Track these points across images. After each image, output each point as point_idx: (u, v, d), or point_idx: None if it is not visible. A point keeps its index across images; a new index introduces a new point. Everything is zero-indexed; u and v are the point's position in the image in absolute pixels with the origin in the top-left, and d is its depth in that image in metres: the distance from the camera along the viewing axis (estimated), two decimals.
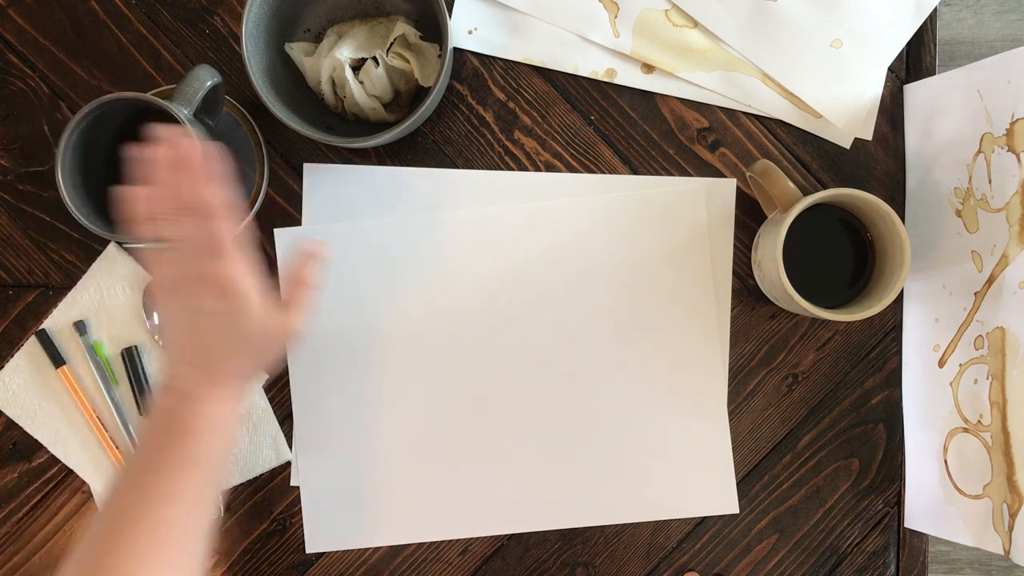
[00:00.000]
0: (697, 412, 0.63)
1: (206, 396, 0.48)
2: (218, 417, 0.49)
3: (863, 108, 0.63)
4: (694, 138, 0.64)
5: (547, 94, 0.64)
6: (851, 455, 0.64)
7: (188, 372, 0.49)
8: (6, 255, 0.63)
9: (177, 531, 0.46)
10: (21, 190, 0.63)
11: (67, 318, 0.62)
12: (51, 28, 0.63)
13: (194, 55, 0.63)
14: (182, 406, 0.48)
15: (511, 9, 0.63)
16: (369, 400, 0.63)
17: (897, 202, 0.64)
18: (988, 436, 0.56)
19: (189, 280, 0.48)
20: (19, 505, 0.63)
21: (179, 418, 0.48)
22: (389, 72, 0.59)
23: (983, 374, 0.56)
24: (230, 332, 0.49)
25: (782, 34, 0.63)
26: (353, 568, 0.63)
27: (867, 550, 0.64)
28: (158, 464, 0.47)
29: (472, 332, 0.63)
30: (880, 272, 0.58)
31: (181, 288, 0.48)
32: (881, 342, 0.64)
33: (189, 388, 0.48)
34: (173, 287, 0.49)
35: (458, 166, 0.64)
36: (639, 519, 0.63)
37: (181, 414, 0.48)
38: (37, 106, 0.63)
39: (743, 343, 0.64)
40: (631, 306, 0.63)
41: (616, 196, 0.64)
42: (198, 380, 0.49)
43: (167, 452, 0.47)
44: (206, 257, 0.48)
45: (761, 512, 0.64)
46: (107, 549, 0.44)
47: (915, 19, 0.63)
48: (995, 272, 0.55)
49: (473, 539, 0.63)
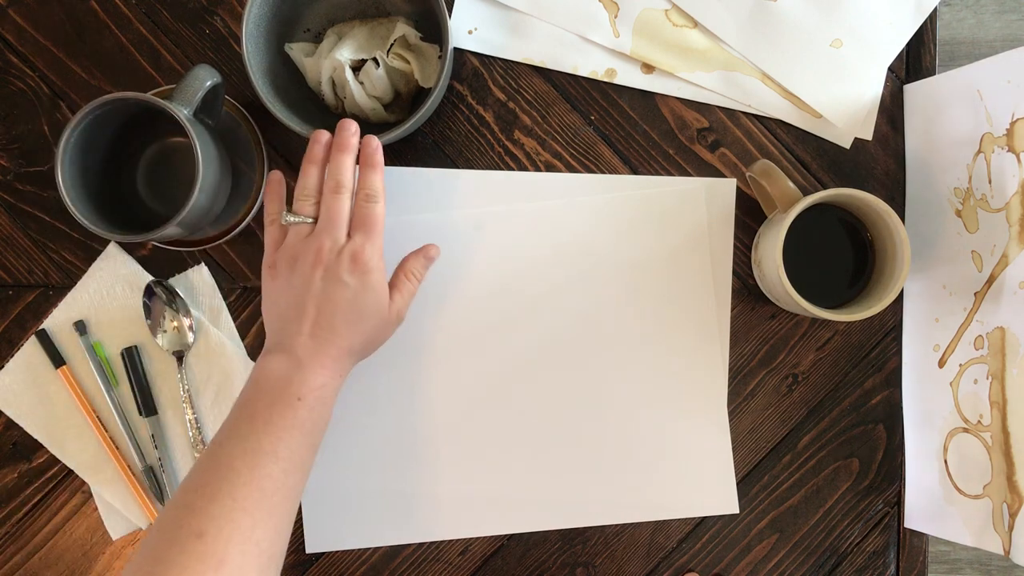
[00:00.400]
0: (697, 412, 0.63)
1: (320, 366, 0.51)
2: (328, 388, 0.52)
3: (863, 108, 0.63)
4: (694, 138, 0.64)
5: (547, 94, 0.64)
6: (851, 455, 0.64)
7: (306, 342, 0.52)
8: (6, 255, 0.63)
9: (282, 489, 0.48)
10: (21, 190, 0.63)
11: (67, 318, 0.62)
12: (51, 28, 0.63)
13: (194, 55, 0.63)
14: (296, 373, 0.51)
15: (511, 9, 0.63)
16: (369, 400, 0.63)
17: (897, 202, 0.64)
18: (988, 436, 0.56)
19: (330, 252, 0.52)
20: (19, 505, 0.63)
21: (292, 384, 0.50)
22: (389, 73, 0.59)
23: (983, 374, 0.56)
24: (355, 308, 0.52)
25: (782, 34, 0.63)
26: (353, 568, 0.63)
27: (867, 550, 0.64)
28: (267, 425, 0.49)
29: (472, 332, 0.63)
30: (880, 272, 0.58)
31: (318, 259, 0.52)
32: (881, 342, 0.64)
33: (305, 357, 0.51)
34: (309, 258, 0.52)
35: (458, 166, 0.64)
36: (639, 519, 0.63)
37: (294, 380, 0.50)
38: (37, 106, 0.63)
39: (743, 343, 0.64)
40: (631, 306, 0.63)
41: (616, 196, 0.64)
42: (314, 350, 0.52)
43: (277, 415, 0.49)
44: (356, 234, 0.53)
45: (761, 512, 0.64)
46: (213, 496, 0.46)
47: (915, 19, 0.63)
48: (995, 272, 0.55)
49: (473, 539, 0.63)
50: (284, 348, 0.52)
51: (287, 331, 0.53)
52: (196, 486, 0.47)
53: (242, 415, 0.50)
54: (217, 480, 0.47)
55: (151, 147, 0.62)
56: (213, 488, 0.47)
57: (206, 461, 0.48)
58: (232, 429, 0.50)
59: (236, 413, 0.51)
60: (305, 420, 0.50)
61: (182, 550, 0.44)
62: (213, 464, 0.48)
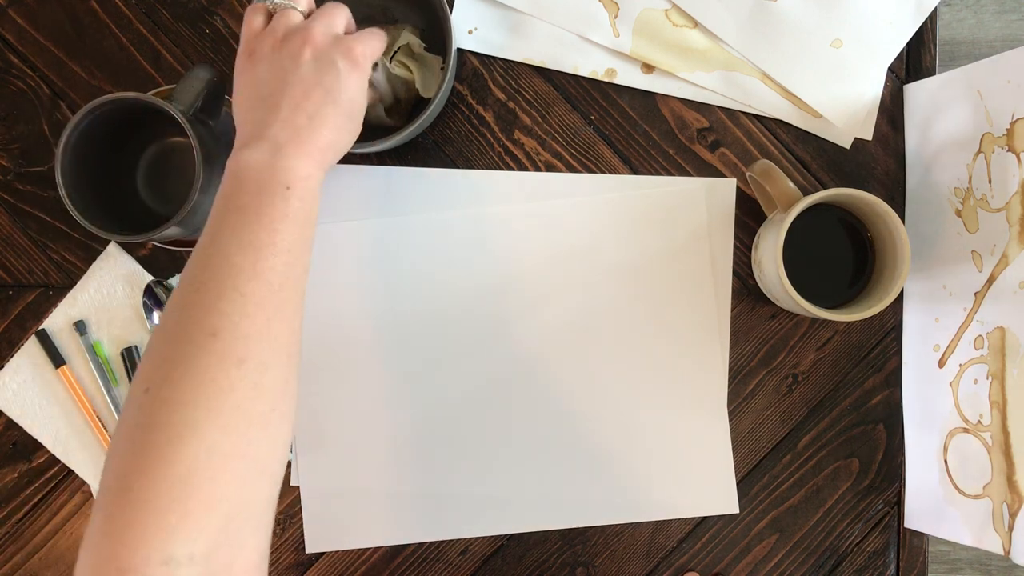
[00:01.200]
0: (697, 412, 0.63)
1: (305, 155, 0.47)
2: (313, 180, 0.47)
3: (863, 108, 0.63)
4: (694, 138, 0.64)
5: (547, 94, 0.64)
6: (851, 455, 0.64)
7: (285, 130, 0.47)
8: (6, 255, 0.63)
9: (287, 283, 0.44)
10: (21, 190, 0.63)
11: (67, 318, 0.62)
12: (51, 28, 0.63)
13: (194, 55, 0.63)
14: (279, 161, 0.46)
15: (511, 9, 0.63)
16: (369, 400, 0.63)
17: (897, 202, 0.64)
18: (988, 436, 0.56)
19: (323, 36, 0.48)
20: (19, 505, 0.63)
21: (277, 172, 0.46)
22: (390, 79, 0.59)
23: (983, 374, 0.56)
24: (345, 98, 0.49)
25: (782, 34, 0.63)
26: (353, 568, 0.63)
27: (867, 550, 0.64)
28: (259, 216, 0.45)
29: (472, 332, 0.63)
30: (880, 272, 0.58)
31: (310, 40, 0.48)
32: (881, 342, 0.64)
33: (287, 144, 0.46)
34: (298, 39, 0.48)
35: (458, 166, 0.64)
36: (639, 519, 0.63)
37: (278, 168, 0.46)
38: (37, 106, 0.63)
39: (743, 343, 0.64)
40: (631, 306, 0.63)
41: (616, 196, 0.64)
42: (294, 137, 0.47)
43: (267, 205, 0.45)
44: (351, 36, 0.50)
45: (761, 512, 0.64)
46: (219, 293, 0.42)
47: (915, 19, 0.63)
48: (995, 272, 0.55)
49: (473, 539, 0.63)
50: (262, 137, 0.47)
51: (265, 120, 0.47)
52: (197, 285, 0.43)
53: (229, 207, 0.45)
54: (220, 276, 0.43)
55: (151, 147, 0.62)
56: (217, 285, 0.42)
57: (201, 258, 0.44)
58: (221, 223, 0.45)
59: (221, 207, 0.46)
60: (298, 211, 0.46)
61: (198, 349, 0.40)
62: (210, 261, 0.44)
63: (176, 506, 0.36)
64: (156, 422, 0.38)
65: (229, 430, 0.39)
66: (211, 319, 0.41)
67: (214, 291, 0.42)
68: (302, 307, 0.46)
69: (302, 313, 0.46)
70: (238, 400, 0.40)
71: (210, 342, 0.40)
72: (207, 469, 0.37)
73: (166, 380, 0.40)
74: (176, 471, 0.37)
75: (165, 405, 0.39)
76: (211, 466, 0.38)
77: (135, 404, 0.40)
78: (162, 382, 0.40)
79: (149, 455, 0.37)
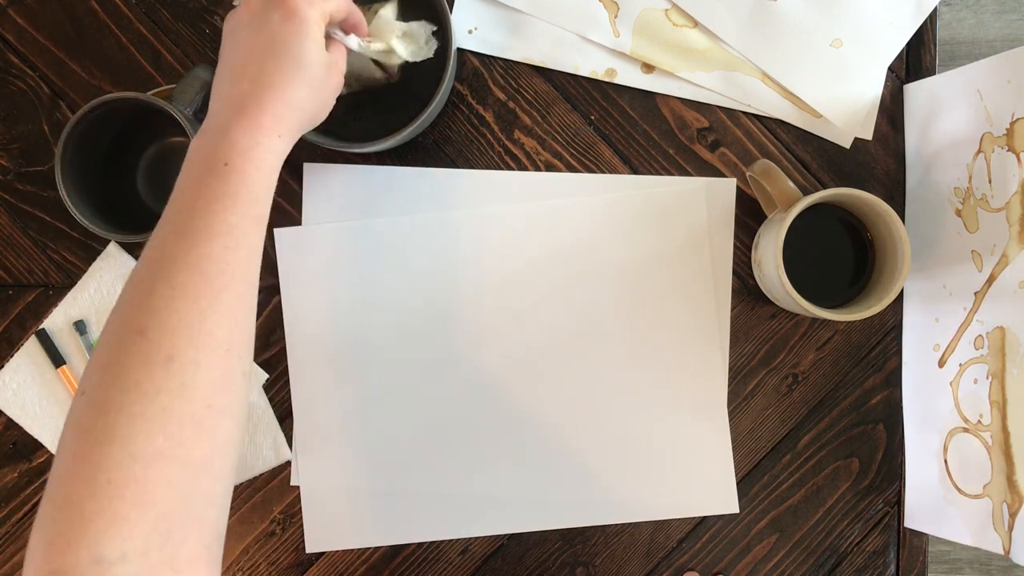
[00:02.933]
0: (697, 412, 0.63)
1: (250, 125, 0.44)
2: (262, 150, 0.44)
3: (863, 108, 0.63)
4: (694, 138, 0.64)
5: (547, 94, 0.64)
6: (851, 455, 0.64)
7: (230, 102, 0.45)
8: (6, 255, 0.63)
9: (227, 270, 0.42)
10: (21, 190, 0.63)
11: (67, 318, 0.62)
12: (51, 28, 0.63)
13: (194, 55, 0.63)
14: (221, 138, 0.44)
15: (511, 9, 0.63)
16: (369, 400, 0.63)
17: (897, 202, 0.64)
18: (988, 436, 0.56)
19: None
20: (19, 505, 0.63)
21: (216, 149, 0.44)
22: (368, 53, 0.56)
23: (983, 374, 0.56)
24: (288, 53, 0.45)
25: (782, 34, 0.63)
26: (353, 568, 0.63)
27: (867, 550, 0.64)
28: (195, 201, 0.43)
29: (472, 332, 0.63)
30: (880, 272, 0.58)
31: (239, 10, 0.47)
32: (881, 342, 0.64)
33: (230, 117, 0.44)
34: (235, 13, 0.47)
35: (458, 166, 0.64)
36: (639, 519, 0.63)
37: (219, 145, 0.44)
38: (37, 106, 0.63)
39: (743, 343, 0.64)
40: (631, 306, 0.63)
41: (616, 196, 0.64)
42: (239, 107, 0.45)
43: (204, 187, 0.43)
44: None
45: (761, 512, 0.64)
46: (151, 290, 0.41)
47: (915, 19, 0.63)
48: (995, 272, 0.55)
49: (473, 539, 0.63)
50: (211, 116, 0.45)
51: (215, 100, 0.46)
52: (134, 281, 0.42)
53: (171, 199, 0.44)
54: (152, 270, 0.41)
55: (151, 147, 0.62)
56: (150, 278, 0.41)
57: (143, 254, 0.43)
58: (163, 216, 0.44)
59: (171, 200, 0.44)
60: (238, 187, 0.43)
61: (125, 350, 0.39)
62: (147, 254, 0.42)
63: (103, 511, 0.37)
64: (85, 427, 0.39)
65: (154, 433, 0.38)
66: (139, 317, 0.40)
67: (146, 286, 0.41)
68: (249, 293, 0.44)
69: (250, 300, 0.44)
70: (164, 402, 0.39)
71: (137, 342, 0.39)
72: (132, 473, 0.37)
73: (97, 384, 0.40)
74: (102, 476, 0.37)
75: (92, 409, 0.39)
76: (136, 470, 0.37)
77: (73, 408, 0.40)
78: (94, 386, 0.40)
79: (77, 461, 0.38)
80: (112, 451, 0.37)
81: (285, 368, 0.63)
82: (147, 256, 0.42)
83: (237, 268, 0.43)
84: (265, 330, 0.63)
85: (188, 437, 0.39)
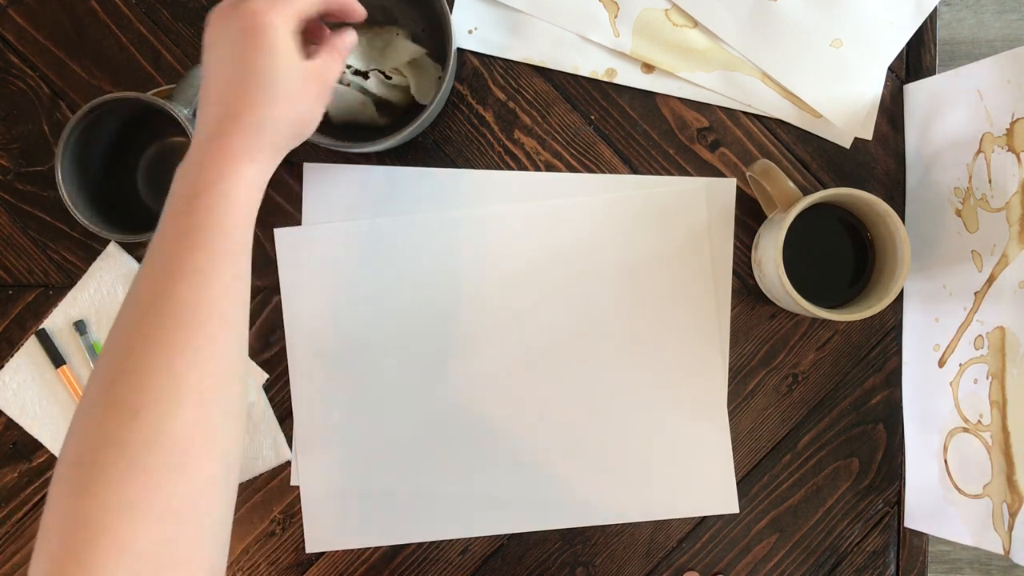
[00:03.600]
0: (697, 412, 0.63)
1: (219, 154, 0.42)
2: (235, 178, 0.42)
3: (863, 108, 0.63)
4: (694, 138, 0.64)
5: (547, 94, 0.64)
6: (851, 455, 0.64)
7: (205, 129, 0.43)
8: (6, 255, 0.63)
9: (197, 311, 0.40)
10: (21, 190, 0.63)
11: (67, 318, 0.62)
12: (51, 28, 0.63)
13: (194, 55, 0.63)
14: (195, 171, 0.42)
15: (511, 9, 0.63)
16: (369, 400, 0.63)
17: (897, 202, 0.64)
18: (988, 436, 0.56)
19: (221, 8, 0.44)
20: (19, 505, 0.63)
21: (185, 183, 0.42)
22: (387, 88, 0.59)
23: (983, 374, 0.56)
24: (251, 71, 0.43)
25: (782, 34, 0.63)
26: (353, 568, 0.63)
27: (867, 550, 0.64)
28: (162, 240, 0.42)
29: (471, 332, 0.63)
30: (880, 272, 0.58)
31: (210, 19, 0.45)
32: (881, 342, 0.64)
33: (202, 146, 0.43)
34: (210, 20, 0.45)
35: (458, 166, 0.64)
36: (639, 519, 0.63)
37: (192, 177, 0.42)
38: (37, 106, 0.63)
39: (743, 343, 0.64)
40: (631, 306, 0.63)
41: (616, 196, 0.64)
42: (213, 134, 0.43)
43: (168, 225, 0.42)
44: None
45: (761, 512, 0.64)
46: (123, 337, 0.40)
47: (915, 19, 0.63)
48: (995, 272, 0.55)
49: (473, 539, 0.63)
50: (193, 140, 0.44)
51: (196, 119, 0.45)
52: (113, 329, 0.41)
53: (151, 243, 0.42)
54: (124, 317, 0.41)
55: (151, 147, 0.62)
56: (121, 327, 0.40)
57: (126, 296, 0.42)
58: (145, 253, 0.43)
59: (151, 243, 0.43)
60: (203, 222, 0.41)
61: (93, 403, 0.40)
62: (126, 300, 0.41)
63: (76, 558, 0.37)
64: (61, 476, 0.39)
65: (124, 485, 0.38)
66: (107, 369, 0.40)
67: (117, 334, 0.40)
68: (223, 331, 0.42)
69: (225, 338, 0.42)
70: (133, 456, 0.38)
71: (104, 395, 0.39)
72: (103, 523, 0.37)
73: (70, 433, 0.40)
74: (73, 525, 0.37)
75: (64, 461, 0.39)
76: (107, 520, 0.37)
77: (60, 452, 0.41)
78: (68, 436, 0.40)
79: (54, 508, 0.38)
80: (84, 502, 0.38)
81: (285, 368, 0.63)
82: (126, 300, 0.42)
83: (209, 308, 0.41)
84: (265, 330, 0.63)
85: (163, 485, 0.39)
